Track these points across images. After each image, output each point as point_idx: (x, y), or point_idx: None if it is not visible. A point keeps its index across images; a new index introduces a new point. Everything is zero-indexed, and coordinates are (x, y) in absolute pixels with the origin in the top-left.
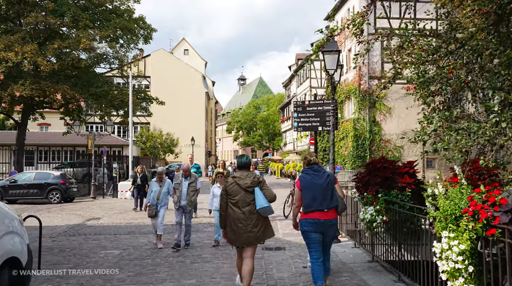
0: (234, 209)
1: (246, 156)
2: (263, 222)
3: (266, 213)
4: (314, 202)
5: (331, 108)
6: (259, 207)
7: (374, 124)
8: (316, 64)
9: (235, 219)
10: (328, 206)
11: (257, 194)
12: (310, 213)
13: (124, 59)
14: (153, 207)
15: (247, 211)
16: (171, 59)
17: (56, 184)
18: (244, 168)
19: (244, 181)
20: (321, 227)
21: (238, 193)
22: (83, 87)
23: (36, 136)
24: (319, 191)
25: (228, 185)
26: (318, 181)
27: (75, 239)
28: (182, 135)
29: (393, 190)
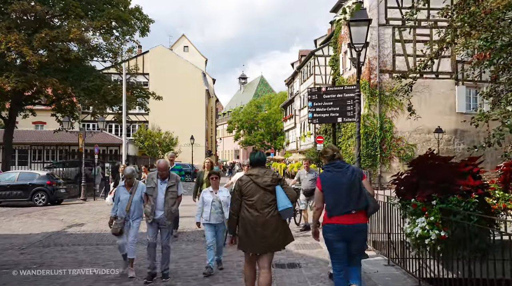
0: (250, 211)
1: (260, 151)
2: (282, 226)
3: (288, 215)
4: (339, 204)
5: (355, 95)
6: (283, 208)
7: (385, 121)
8: (320, 60)
9: (252, 224)
10: (356, 207)
11: (279, 193)
12: (334, 217)
13: (118, 51)
14: (120, 222)
15: (267, 214)
16: (170, 55)
17: (42, 185)
18: (259, 165)
19: (263, 179)
20: (347, 233)
21: (255, 193)
22: (74, 82)
23: (30, 134)
24: (343, 190)
25: (243, 184)
26: (341, 178)
27: (49, 251)
28: (181, 134)
29: (453, 196)
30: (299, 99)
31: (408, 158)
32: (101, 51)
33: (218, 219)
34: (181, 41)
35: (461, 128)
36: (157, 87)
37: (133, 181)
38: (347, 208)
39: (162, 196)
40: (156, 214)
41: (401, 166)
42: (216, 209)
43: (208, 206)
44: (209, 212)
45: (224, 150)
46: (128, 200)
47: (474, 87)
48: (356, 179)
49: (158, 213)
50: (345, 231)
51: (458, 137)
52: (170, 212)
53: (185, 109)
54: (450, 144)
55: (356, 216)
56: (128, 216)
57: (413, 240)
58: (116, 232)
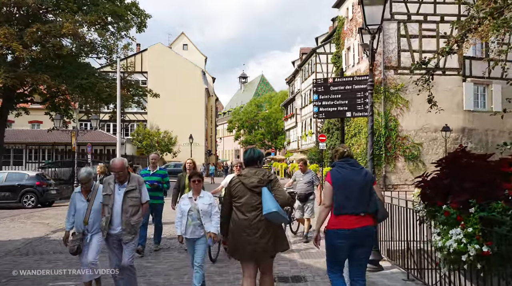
0: (238, 214)
1: (253, 149)
2: (273, 231)
3: (276, 220)
4: (348, 203)
5: (368, 86)
6: (266, 212)
7: (390, 119)
8: (322, 57)
9: (239, 227)
10: (366, 210)
11: (265, 196)
12: (341, 216)
13: (113, 47)
14: (78, 238)
15: (253, 217)
16: (169, 54)
17: (31, 186)
18: (252, 164)
19: (250, 180)
20: (358, 238)
21: (243, 195)
22: (67, 79)
23: (26, 134)
24: (355, 189)
25: (232, 184)
26: (354, 177)
27: (26, 260)
28: (180, 133)
29: (496, 202)
30: (300, 98)
31: (414, 157)
32: (96, 48)
33: (195, 233)
34: (180, 39)
35: (469, 127)
36: (156, 86)
37: (90, 186)
38: (357, 209)
39: (119, 203)
40: (113, 228)
41: (407, 166)
42: (193, 220)
43: (185, 217)
44: (185, 223)
45: (225, 149)
46: (87, 210)
47: (482, 84)
48: (368, 182)
49: (115, 226)
50: (357, 235)
51: (466, 136)
52: (128, 224)
53: (184, 108)
54: (457, 143)
55: (366, 219)
56: (86, 229)
57: (445, 255)
58: (73, 250)
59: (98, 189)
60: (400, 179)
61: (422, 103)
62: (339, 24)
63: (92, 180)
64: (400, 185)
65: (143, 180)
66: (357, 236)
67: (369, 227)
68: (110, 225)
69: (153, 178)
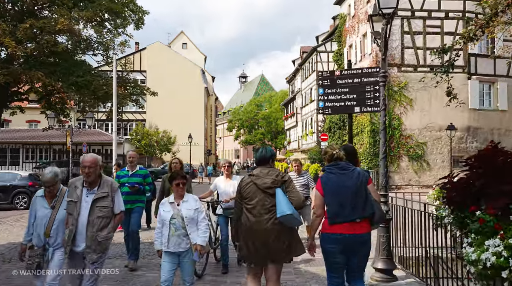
0: (249, 216)
1: (265, 147)
2: (289, 235)
3: (290, 224)
4: (342, 211)
5: (380, 78)
6: (280, 215)
7: (393, 118)
8: (323, 56)
9: (251, 231)
10: (362, 215)
11: (279, 197)
12: (336, 225)
13: (110, 44)
14: (37, 252)
15: (266, 220)
16: (168, 52)
17: (24, 187)
18: (264, 163)
19: (263, 180)
20: (349, 245)
21: (255, 196)
22: (62, 76)
23: (23, 133)
24: (348, 195)
25: (243, 185)
26: (346, 182)
27: (7, 268)
28: (180, 133)
29: None
30: (301, 97)
31: (418, 156)
32: (92, 44)
33: (180, 245)
34: (180, 38)
35: (474, 126)
36: (155, 85)
37: (56, 190)
38: (352, 216)
39: (85, 213)
40: (77, 244)
41: (411, 166)
42: (177, 230)
43: (166, 226)
44: (167, 234)
45: (224, 149)
46: (49, 219)
47: (488, 82)
48: (362, 183)
49: (79, 242)
50: (348, 243)
51: (471, 135)
52: (94, 240)
53: (184, 108)
54: (462, 142)
55: (360, 225)
56: (48, 242)
57: (480, 270)
58: (32, 267)
59: (64, 195)
60: (404, 179)
61: (426, 101)
62: (341, 21)
63: (59, 182)
64: (404, 185)
65: (117, 186)
66: (349, 242)
67: (363, 235)
68: (73, 240)
69: (132, 179)
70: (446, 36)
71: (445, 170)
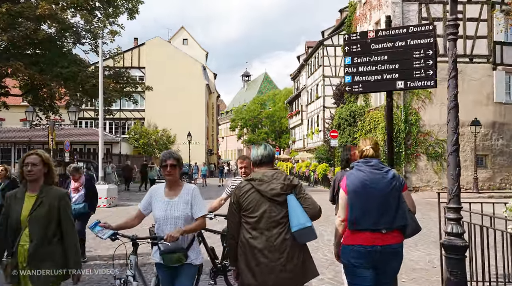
0: (252, 233)
1: (266, 144)
2: (300, 253)
3: (307, 238)
4: (368, 217)
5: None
6: (298, 228)
7: (410, 112)
8: (329, 50)
9: (256, 251)
10: (390, 225)
11: (293, 207)
12: (359, 233)
13: (98, 32)
14: None
15: (276, 236)
16: (168, 48)
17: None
18: (265, 164)
19: (270, 186)
20: (376, 257)
21: (259, 207)
22: (45, 67)
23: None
24: (377, 199)
25: (241, 193)
26: (377, 183)
27: None
28: (180, 132)
29: None
30: (306, 94)
31: (438, 155)
32: (78, 32)
33: None
34: (180, 34)
35: (500, 121)
36: (154, 82)
37: None
38: (377, 225)
39: None
40: None
41: (430, 165)
42: None
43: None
44: None
45: (227, 149)
46: None
47: None
48: (396, 188)
49: None
50: (374, 256)
51: (496, 131)
52: None
53: (184, 105)
54: (487, 139)
55: (390, 235)
56: None
57: None
58: None
59: None
60: (422, 180)
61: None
62: (351, 10)
63: None
64: (422, 187)
65: None
66: (378, 255)
67: (394, 245)
68: None
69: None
70: (469, 23)
71: (467, 170)
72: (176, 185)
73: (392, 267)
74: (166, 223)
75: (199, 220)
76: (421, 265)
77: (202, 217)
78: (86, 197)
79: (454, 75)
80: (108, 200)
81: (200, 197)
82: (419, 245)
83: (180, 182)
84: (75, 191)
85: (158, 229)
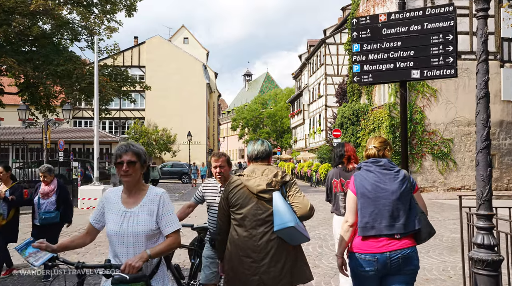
0: (238, 230)
1: (263, 140)
2: (290, 255)
3: (293, 239)
4: (378, 222)
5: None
6: (279, 228)
7: (415, 111)
8: (332, 48)
9: (240, 249)
10: (404, 229)
11: (277, 204)
12: (370, 240)
13: (94, 27)
14: None
15: (260, 235)
16: (168, 47)
17: None
18: (261, 160)
19: (257, 182)
20: (388, 265)
21: (246, 203)
22: (40, 65)
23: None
24: (389, 202)
25: (231, 188)
26: (387, 184)
27: None
28: (180, 131)
29: None
30: (308, 93)
31: (444, 155)
32: (74, 29)
33: None
34: (181, 33)
35: (508, 120)
36: (154, 81)
37: None
38: (390, 229)
39: None
40: None
41: (435, 165)
42: None
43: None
44: None
45: (229, 149)
46: None
47: None
48: (407, 190)
49: None
50: (386, 263)
51: (504, 130)
52: None
53: (185, 105)
54: (494, 139)
55: (402, 240)
56: None
57: None
58: None
59: None
60: (427, 181)
61: (452, 92)
62: (354, 6)
63: None
64: (428, 187)
65: None
66: (388, 262)
67: (406, 250)
68: None
69: None
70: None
71: (474, 170)
72: (136, 189)
73: (406, 273)
74: (121, 242)
75: (170, 238)
76: (435, 275)
77: (174, 232)
78: (57, 204)
79: (484, 59)
80: None
81: (170, 205)
82: (431, 251)
83: (143, 185)
84: (44, 196)
85: (111, 251)
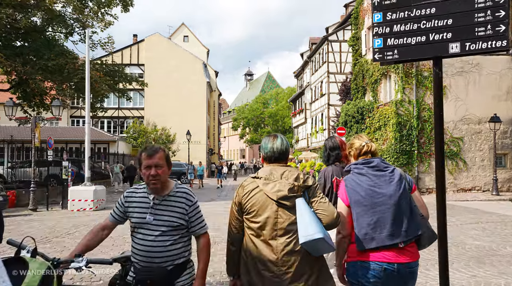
0: (255, 241)
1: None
2: (315, 267)
3: (319, 251)
4: (379, 230)
5: None
6: (306, 240)
7: (424, 108)
8: (334, 46)
9: (259, 262)
10: (407, 236)
11: (302, 213)
12: (372, 253)
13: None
14: None
15: (282, 246)
16: (168, 44)
17: None
18: (279, 160)
19: (276, 186)
20: (391, 279)
21: (264, 210)
22: (30, 59)
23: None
24: (387, 207)
25: (245, 193)
26: (383, 188)
27: None
28: (180, 130)
29: None
30: (310, 91)
31: (453, 154)
32: (66, 21)
33: None
34: (181, 31)
35: None
36: (154, 79)
37: None
38: (393, 238)
39: None
40: None
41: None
42: None
43: None
44: None
45: (230, 149)
46: None
47: None
48: (406, 191)
49: None
50: (389, 275)
51: None
52: None
53: (184, 103)
54: (505, 137)
55: (406, 251)
56: None
57: None
58: None
59: None
60: None
61: (462, 89)
62: (358, 1)
63: None
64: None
65: None
66: (391, 275)
67: (410, 264)
68: None
69: None
70: None
71: (485, 171)
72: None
73: None
74: None
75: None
76: None
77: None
78: None
79: None
80: (95, 203)
81: None
82: (455, 263)
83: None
84: None
85: None
